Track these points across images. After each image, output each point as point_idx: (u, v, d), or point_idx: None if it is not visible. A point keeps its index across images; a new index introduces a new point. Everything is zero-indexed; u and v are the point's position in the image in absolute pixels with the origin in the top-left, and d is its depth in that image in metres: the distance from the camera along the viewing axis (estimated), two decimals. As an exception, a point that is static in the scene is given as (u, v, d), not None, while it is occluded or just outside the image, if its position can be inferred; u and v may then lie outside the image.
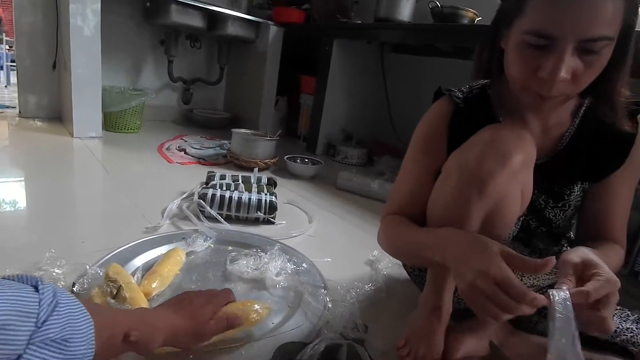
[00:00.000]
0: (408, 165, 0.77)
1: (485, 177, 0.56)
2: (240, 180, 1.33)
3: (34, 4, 2.08)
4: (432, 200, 0.66)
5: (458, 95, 0.71)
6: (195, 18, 2.23)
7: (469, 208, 0.58)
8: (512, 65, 0.57)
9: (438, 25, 1.85)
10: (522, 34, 0.53)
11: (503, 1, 0.61)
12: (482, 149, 0.58)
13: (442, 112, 0.72)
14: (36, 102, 2.22)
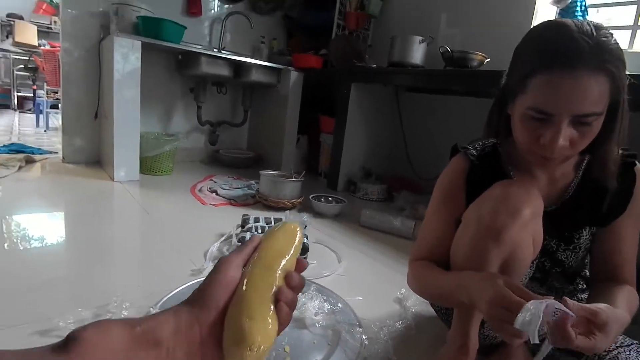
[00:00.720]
0: (432, 215, 0.86)
1: (499, 229, 0.66)
2: (273, 222, 1.44)
3: (80, 60, 2.31)
4: (454, 248, 0.76)
5: (472, 152, 0.81)
6: (222, 68, 2.43)
7: (487, 256, 0.67)
8: (518, 132, 0.68)
9: (449, 71, 1.98)
10: (525, 108, 0.64)
11: (508, 78, 0.72)
12: (494, 204, 0.67)
13: (459, 168, 0.82)
14: (79, 148, 2.42)
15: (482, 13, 2.21)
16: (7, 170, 2.04)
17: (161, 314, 0.35)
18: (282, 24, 3.10)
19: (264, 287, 0.38)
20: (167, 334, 0.34)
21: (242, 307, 0.36)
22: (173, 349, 0.34)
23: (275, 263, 0.41)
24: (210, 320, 0.36)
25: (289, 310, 0.39)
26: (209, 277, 0.39)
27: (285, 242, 0.43)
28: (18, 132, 3.62)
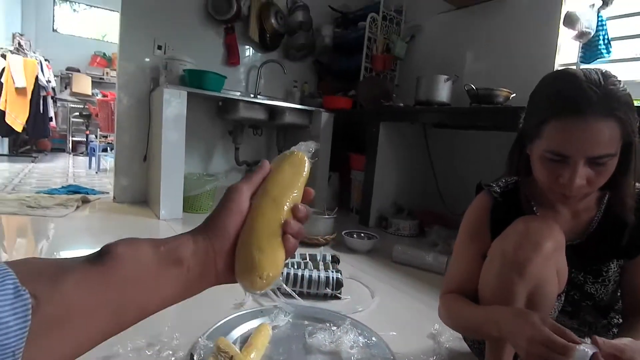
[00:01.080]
0: (459, 251, 0.91)
1: (523, 263, 0.69)
2: (308, 258, 1.51)
3: (132, 108, 2.57)
4: (482, 283, 0.79)
5: (496, 190, 0.86)
6: (258, 112, 2.61)
7: (513, 290, 0.71)
8: (538, 172, 0.73)
9: (475, 108, 2.04)
10: (543, 151, 0.69)
11: (525, 122, 0.78)
12: (517, 239, 0.72)
13: (483, 205, 0.87)
14: (128, 188, 2.62)
15: (506, 49, 2.28)
16: (66, 210, 2.24)
17: (181, 236, 0.38)
18: (313, 69, 3.30)
19: (272, 220, 0.41)
20: (187, 254, 0.37)
21: (252, 239, 0.39)
22: (193, 268, 0.37)
23: (283, 196, 0.42)
24: (222, 247, 0.39)
25: (295, 241, 0.42)
26: (220, 206, 0.41)
27: (292, 173, 0.44)
28: (73, 174, 3.96)
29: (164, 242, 0.37)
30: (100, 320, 0.32)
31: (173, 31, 2.64)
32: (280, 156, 0.46)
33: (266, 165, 0.45)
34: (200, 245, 0.38)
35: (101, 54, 6.64)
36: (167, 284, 0.36)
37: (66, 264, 0.31)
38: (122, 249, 0.33)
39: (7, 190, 2.79)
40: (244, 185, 0.42)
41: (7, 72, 4.11)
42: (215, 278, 0.40)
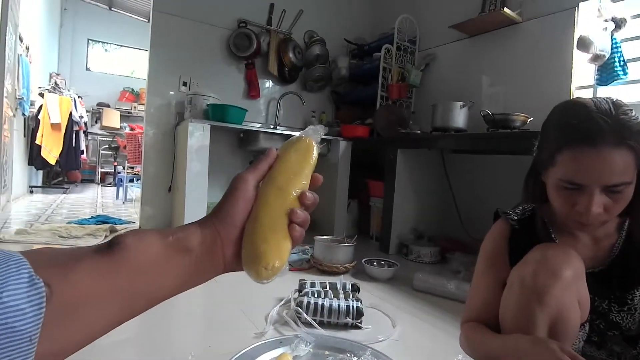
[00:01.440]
0: (478, 279, 0.90)
1: (542, 291, 0.69)
2: (328, 287, 1.51)
3: (158, 142, 2.69)
4: (502, 310, 0.79)
5: (513, 217, 0.86)
6: (278, 142, 2.68)
7: (534, 318, 0.70)
8: (554, 200, 0.73)
9: (492, 133, 2.05)
10: (558, 180, 0.70)
11: (538, 150, 0.80)
12: (535, 267, 0.71)
13: (501, 233, 0.87)
14: (153, 218, 2.71)
15: (522, 74, 2.30)
16: (95, 240, 2.33)
17: (189, 225, 0.39)
18: (330, 99, 3.39)
19: (277, 209, 0.40)
20: (195, 243, 0.38)
21: (257, 229, 0.39)
22: (201, 257, 0.38)
23: (289, 184, 0.41)
24: (229, 236, 0.40)
25: (301, 230, 0.41)
26: (227, 195, 0.41)
27: (299, 160, 0.43)
28: (101, 204, 4.11)
29: (173, 232, 0.38)
30: (111, 308, 0.33)
31: (197, 68, 2.79)
32: (287, 142, 0.45)
33: (272, 152, 0.44)
34: (208, 234, 0.39)
35: (130, 90, 7.02)
36: (175, 272, 0.37)
37: (78, 254, 0.32)
38: (130, 239, 0.34)
39: (40, 220, 2.93)
40: (249, 173, 0.42)
41: (44, 109, 4.39)
42: (223, 266, 0.40)
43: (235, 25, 2.90)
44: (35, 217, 3.08)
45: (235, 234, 0.40)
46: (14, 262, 0.27)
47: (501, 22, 2.35)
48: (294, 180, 0.42)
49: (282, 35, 3.06)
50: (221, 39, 2.87)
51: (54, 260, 0.31)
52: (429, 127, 2.49)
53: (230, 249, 0.40)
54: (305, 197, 0.42)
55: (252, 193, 0.41)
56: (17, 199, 3.83)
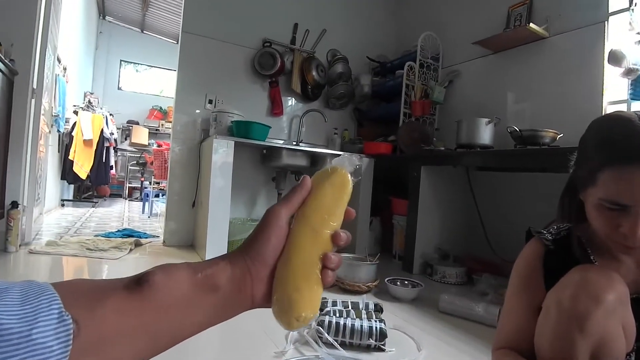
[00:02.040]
0: (511, 301, 0.85)
1: (582, 317, 0.64)
2: (350, 306, 1.48)
3: (183, 158, 2.75)
4: (538, 336, 0.73)
5: (547, 237, 0.80)
6: (300, 159, 2.70)
7: (574, 347, 0.65)
8: (594, 220, 0.68)
9: (520, 150, 1.99)
10: (599, 199, 0.65)
11: (576, 167, 0.75)
12: (574, 290, 0.66)
13: (535, 254, 0.81)
14: (177, 233, 2.75)
15: (550, 90, 2.24)
16: (121, 252, 2.38)
17: (219, 261, 0.38)
18: (353, 116, 3.40)
19: (311, 253, 0.39)
20: (223, 280, 0.37)
21: (290, 276, 0.38)
22: (229, 294, 0.37)
23: (323, 224, 0.39)
24: (260, 274, 0.38)
25: (333, 274, 0.40)
26: (258, 230, 0.40)
27: (335, 196, 0.40)
28: (128, 218, 4.22)
29: (202, 268, 0.37)
30: (136, 345, 0.33)
31: (223, 86, 2.87)
32: (322, 173, 0.43)
33: (307, 183, 0.42)
34: (237, 271, 0.38)
35: (158, 108, 7.27)
36: (203, 309, 0.37)
37: (107, 289, 0.32)
38: (159, 277, 0.34)
39: (70, 233, 3.02)
40: (282, 207, 0.40)
41: (77, 126, 4.59)
42: (251, 303, 0.39)
43: (260, 44, 2.97)
44: (65, 229, 3.18)
45: (265, 272, 0.39)
46: (46, 297, 0.28)
47: (527, 37, 2.32)
48: (328, 220, 0.40)
49: (306, 54, 3.12)
50: (246, 58, 2.95)
51: (84, 295, 0.31)
52: (453, 144, 2.45)
53: (259, 287, 0.39)
54: (339, 238, 0.40)
55: (285, 230, 0.40)
56: (49, 211, 3.97)
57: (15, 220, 2.21)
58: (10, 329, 0.25)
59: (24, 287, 0.29)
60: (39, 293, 0.28)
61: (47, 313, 0.27)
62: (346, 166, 0.43)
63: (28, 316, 0.26)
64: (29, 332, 0.26)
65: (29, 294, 0.28)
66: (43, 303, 0.28)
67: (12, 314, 0.26)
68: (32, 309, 0.27)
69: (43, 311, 0.27)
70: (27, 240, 2.45)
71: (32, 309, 0.27)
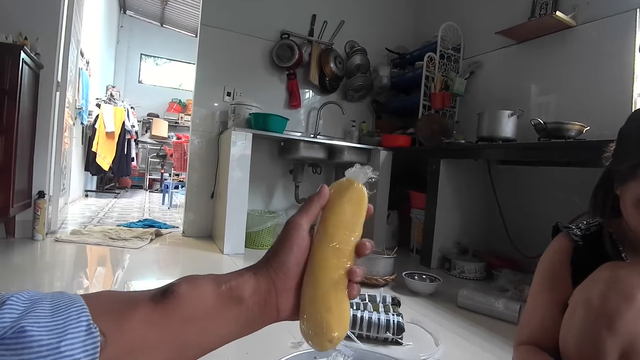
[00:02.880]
0: (536, 297, 0.82)
1: (611, 315, 0.61)
2: (368, 299, 1.47)
3: (202, 150, 2.78)
4: (564, 334, 0.71)
5: (576, 232, 0.77)
6: (318, 151, 2.69)
7: (602, 345, 0.62)
8: (632, 218, 0.65)
9: (544, 143, 1.93)
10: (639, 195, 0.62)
11: (614, 160, 0.71)
12: (604, 287, 0.63)
13: (562, 249, 0.78)
14: (196, 223, 2.79)
15: (576, 81, 2.16)
16: (142, 242, 2.43)
17: (243, 273, 0.38)
18: (371, 108, 3.37)
19: (337, 270, 0.39)
20: (248, 292, 0.36)
21: (319, 295, 0.38)
22: (253, 306, 0.37)
23: (346, 242, 0.40)
24: (284, 286, 0.38)
25: (359, 287, 0.41)
26: (280, 242, 0.40)
27: (353, 212, 0.41)
28: (148, 209, 4.31)
29: (226, 279, 0.37)
30: (162, 357, 0.33)
31: (241, 79, 2.88)
32: (338, 186, 0.43)
33: (324, 192, 0.42)
34: (262, 284, 0.38)
35: (177, 101, 7.37)
36: (227, 322, 0.36)
37: (134, 301, 0.33)
38: (184, 289, 0.34)
39: (93, 222, 3.11)
40: (302, 218, 0.40)
41: (100, 118, 4.69)
42: (276, 316, 0.39)
43: (278, 36, 2.96)
44: (89, 219, 3.28)
45: (290, 284, 0.39)
46: (75, 309, 0.28)
47: (553, 26, 2.23)
48: (349, 236, 0.40)
49: (324, 45, 3.09)
50: (264, 50, 2.94)
51: (112, 307, 0.32)
52: (473, 137, 2.40)
53: (285, 299, 0.39)
54: (364, 247, 0.41)
55: (307, 240, 0.40)
56: (74, 201, 4.10)
57: (42, 209, 2.29)
58: (40, 341, 0.26)
59: (55, 298, 0.29)
60: (69, 304, 0.29)
61: (75, 325, 0.28)
62: (361, 178, 0.43)
63: (57, 328, 0.27)
64: (58, 344, 0.26)
65: (59, 305, 0.29)
66: (72, 315, 0.28)
67: (43, 326, 0.26)
68: (62, 321, 0.27)
69: (72, 323, 0.28)
70: (53, 229, 2.53)
71: (62, 320, 0.27)
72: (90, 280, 1.75)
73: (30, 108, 2.23)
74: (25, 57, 2.01)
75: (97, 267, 2.02)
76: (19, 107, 1.98)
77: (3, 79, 1.93)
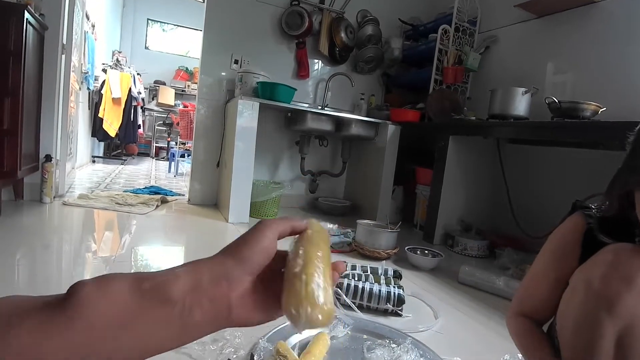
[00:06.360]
0: (538, 272, 0.81)
1: (612, 298, 0.60)
2: (369, 271, 1.48)
3: (208, 118, 2.76)
4: (562, 312, 0.71)
5: (592, 214, 0.74)
6: (325, 123, 2.65)
7: (600, 327, 0.62)
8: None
9: (557, 122, 1.88)
10: None
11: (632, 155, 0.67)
12: (605, 269, 0.62)
13: (576, 228, 0.75)
14: (201, 192, 2.81)
15: (597, 60, 2.08)
16: (147, 208, 2.46)
17: (175, 268, 0.32)
18: (381, 81, 3.29)
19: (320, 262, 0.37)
20: (181, 290, 0.30)
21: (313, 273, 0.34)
22: (189, 308, 0.30)
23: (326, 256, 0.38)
24: (242, 281, 0.33)
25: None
26: (248, 236, 0.35)
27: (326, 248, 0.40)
28: (155, 176, 4.34)
29: (151, 277, 0.31)
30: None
31: (249, 46, 2.81)
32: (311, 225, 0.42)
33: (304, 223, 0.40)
34: (207, 275, 0.32)
35: (184, 69, 7.26)
36: (152, 328, 0.30)
37: (25, 309, 0.28)
38: (89, 289, 0.29)
39: (100, 187, 3.14)
40: (274, 222, 0.37)
41: (106, 84, 4.65)
42: (227, 314, 0.32)
43: (288, 3, 2.86)
44: (96, 184, 3.31)
45: (248, 280, 0.34)
46: None
47: (576, 0, 2.13)
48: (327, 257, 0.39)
49: (335, 14, 2.99)
50: (273, 17, 2.86)
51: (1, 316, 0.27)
52: (484, 115, 2.35)
53: (240, 294, 0.33)
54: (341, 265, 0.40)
55: (273, 244, 0.36)
56: (81, 167, 4.13)
57: (49, 173, 2.30)
58: None
59: None
60: None
61: None
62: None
63: None
64: None
65: None
66: None
67: None
68: None
69: None
70: (60, 192, 2.56)
71: None
72: (98, 244, 1.78)
73: (36, 71, 2.21)
74: (29, 17, 1.96)
75: (104, 231, 2.06)
76: (24, 69, 1.96)
77: (7, 39, 1.90)
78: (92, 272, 1.46)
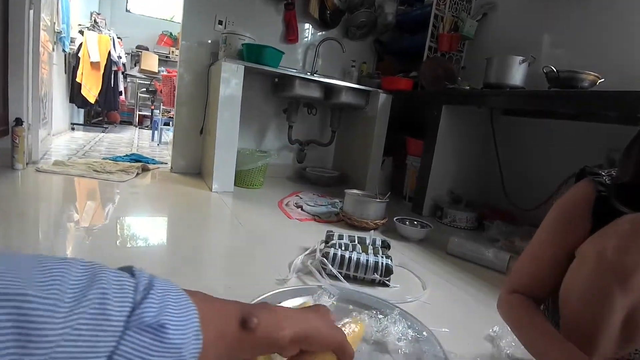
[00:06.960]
0: (541, 243, 0.75)
1: (627, 270, 0.55)
2: (357, 241, 1.43)
3: (191, 83, 2.62)
4: (567, 287, 0.65)
5: (604, 181, 0.69)
6: (314, 90, 2.54)
7: (611, 301, 0.57)
8: None
9: (555, 92, 1.81)
10: None
11: None
12: (621, 241, 0.57)
13: (585, 196, 0.70)
14: (184, 160, 2.70)
15: (597, 30, 1.99)
16: (127, 176, 2.35)
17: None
18: (373, 48, 3.16)
19: None
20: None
21: None
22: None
23: None
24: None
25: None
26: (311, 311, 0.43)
27: None
28: (137, 145, 4.18)
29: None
30: None
31: (234, 6, 2.64)
32: None
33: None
34: None
35: (168, 34, 6.92)
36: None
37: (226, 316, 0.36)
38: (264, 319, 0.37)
39: (78, 155, 3.00)
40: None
41: (84, 47, 4.40)
42: None
43: (277, -41, 2.68)
44: (74, 151, 3.16)
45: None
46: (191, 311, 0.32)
47: (580, -37, 2.02)
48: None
49: (326, -27, 2.81)
50: (261, -26, 2.67)
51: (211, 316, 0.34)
52: (479, 84, 2.26)
53: None
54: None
55: None
56: (59, 134, 3.95)
57: (20, 137, 2.17)
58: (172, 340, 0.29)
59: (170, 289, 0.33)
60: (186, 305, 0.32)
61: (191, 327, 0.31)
62: None
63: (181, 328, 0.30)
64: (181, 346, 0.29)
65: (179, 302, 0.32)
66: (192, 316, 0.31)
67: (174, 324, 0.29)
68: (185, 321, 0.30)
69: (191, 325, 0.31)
70: (34, 159, 2.43)
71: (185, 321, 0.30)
72: (80, 214, 1.68)
73: (0, 27, 2.03)
74: (-12, -38, 1.78)
75: (81, 199, 1.96)
76: (-15, 21, 1.79)
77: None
78: (71, 241, 1.37)
